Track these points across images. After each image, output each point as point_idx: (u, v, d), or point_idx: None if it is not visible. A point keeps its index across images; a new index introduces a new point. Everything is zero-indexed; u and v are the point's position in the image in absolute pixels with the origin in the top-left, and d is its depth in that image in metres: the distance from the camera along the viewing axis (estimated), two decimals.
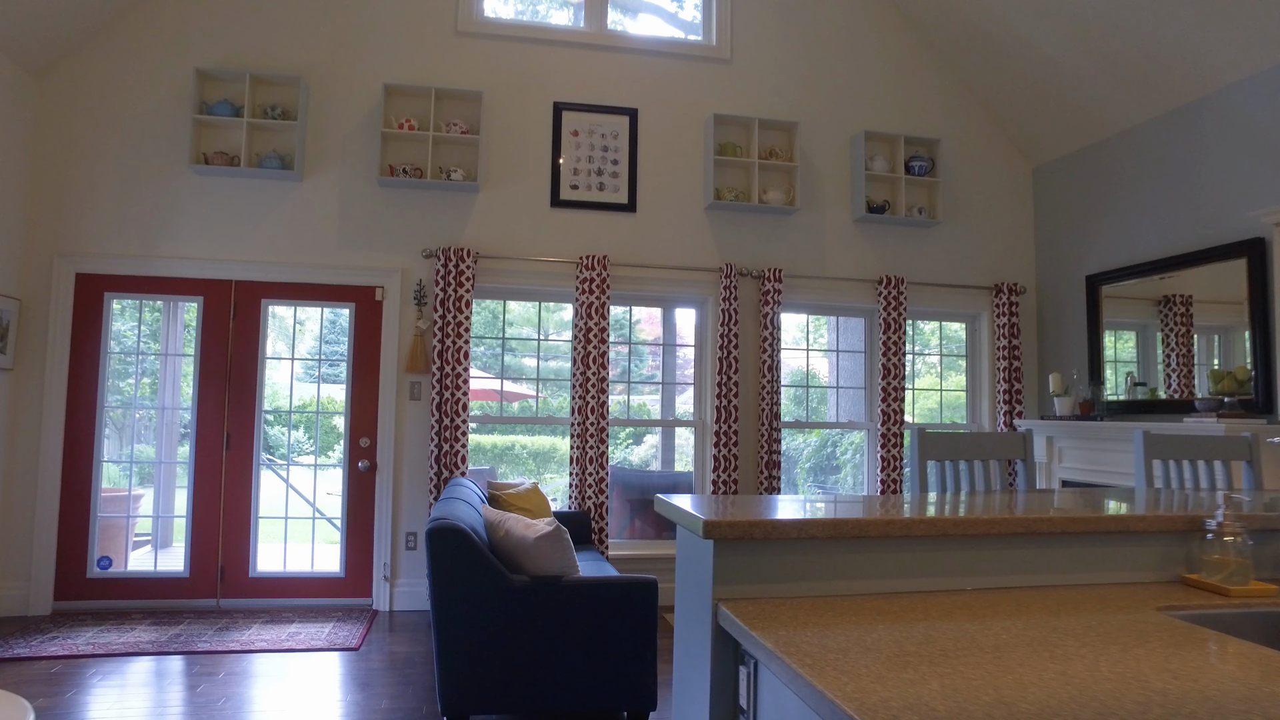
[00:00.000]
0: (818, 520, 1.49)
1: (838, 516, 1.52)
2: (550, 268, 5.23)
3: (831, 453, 10.03)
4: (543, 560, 3.01)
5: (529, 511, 4.27)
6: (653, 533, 5.64)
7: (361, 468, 4.88)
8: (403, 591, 4.89)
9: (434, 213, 5.11)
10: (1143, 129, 5.18)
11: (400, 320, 5.01)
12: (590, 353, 5.14)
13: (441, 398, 4.88)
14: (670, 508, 1.67)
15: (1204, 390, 4.84)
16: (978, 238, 6.01)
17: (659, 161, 5.48)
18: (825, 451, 10.06)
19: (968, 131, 6.05)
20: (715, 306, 5.48)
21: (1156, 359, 5.25)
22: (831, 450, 9.99)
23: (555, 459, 11.75)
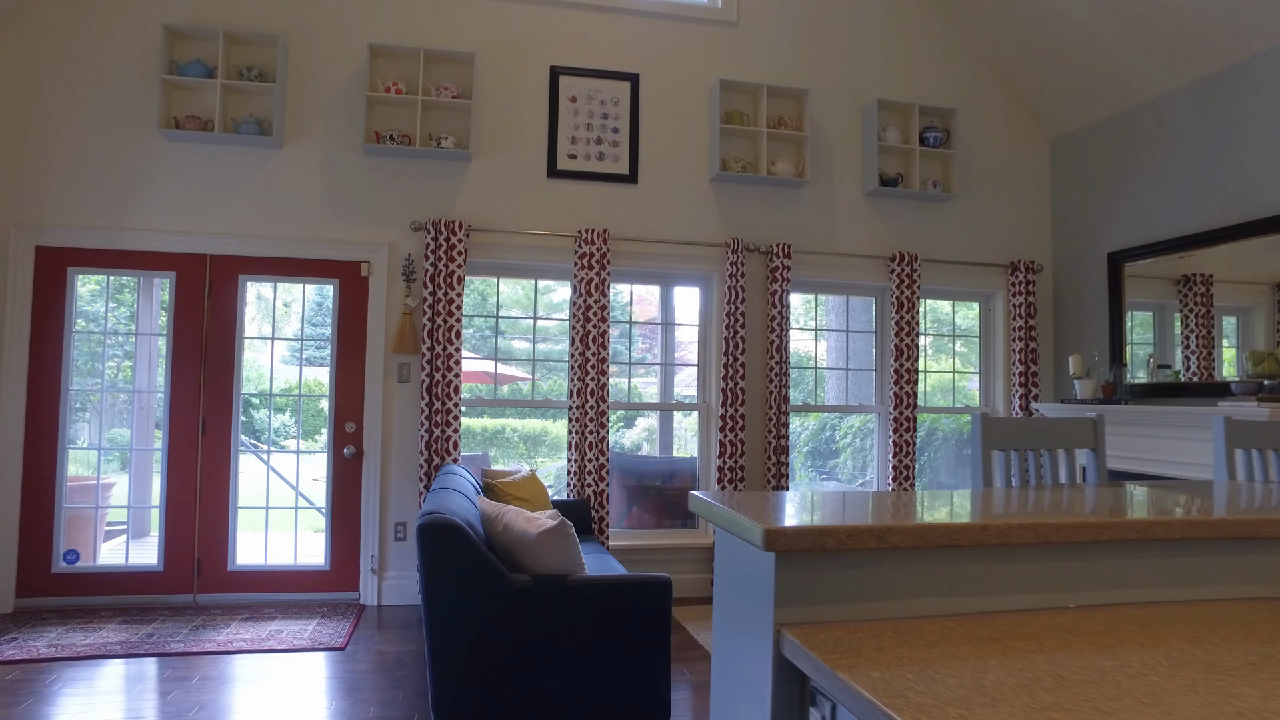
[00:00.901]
0: (903, 527, 1.22)
1: (926, 520, 1.25)
2: (547, 241, 4.93)
3: (830, 436, 9.80)
4: (545, 557, 2.74)
5: (527, 502, 4.00)
6: (652, 521, 5.39)
7: (347, 454, 4.59)
8: (391, 585, 4.62)
9: (423, 183, 4.79)
10: (1172, 97, 4.91)
11: (387, 297, 4.71)
12: (590, 332, 4.86)
13: (431, 380, 4.59)
14: (713, 510, 1.40)
15: (1228, 372, 4.62)
16: (993, 213, 5.75)
17: (662, 130, 5.17)
18: (824, 435, 9.84)
19: (983, 101, 5.77)
20: (721, 284, 5.20)
21: (1174, 340, 5.02)
22: (830, 434, 9.77)
23: (546, 442, 11.49)
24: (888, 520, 1.24)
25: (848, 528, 1.19)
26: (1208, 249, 4.81)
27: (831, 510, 1.33)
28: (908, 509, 1.37)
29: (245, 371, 4.62)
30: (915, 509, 1.37)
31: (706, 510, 1.42)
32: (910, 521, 1.24)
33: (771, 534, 1.17)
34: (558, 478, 7.28)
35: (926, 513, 1.32)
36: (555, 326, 5.20)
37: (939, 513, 1.33)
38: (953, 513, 1.34)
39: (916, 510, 1.35)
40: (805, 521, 1.21)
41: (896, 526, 1.21)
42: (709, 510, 1.41)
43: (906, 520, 1.25)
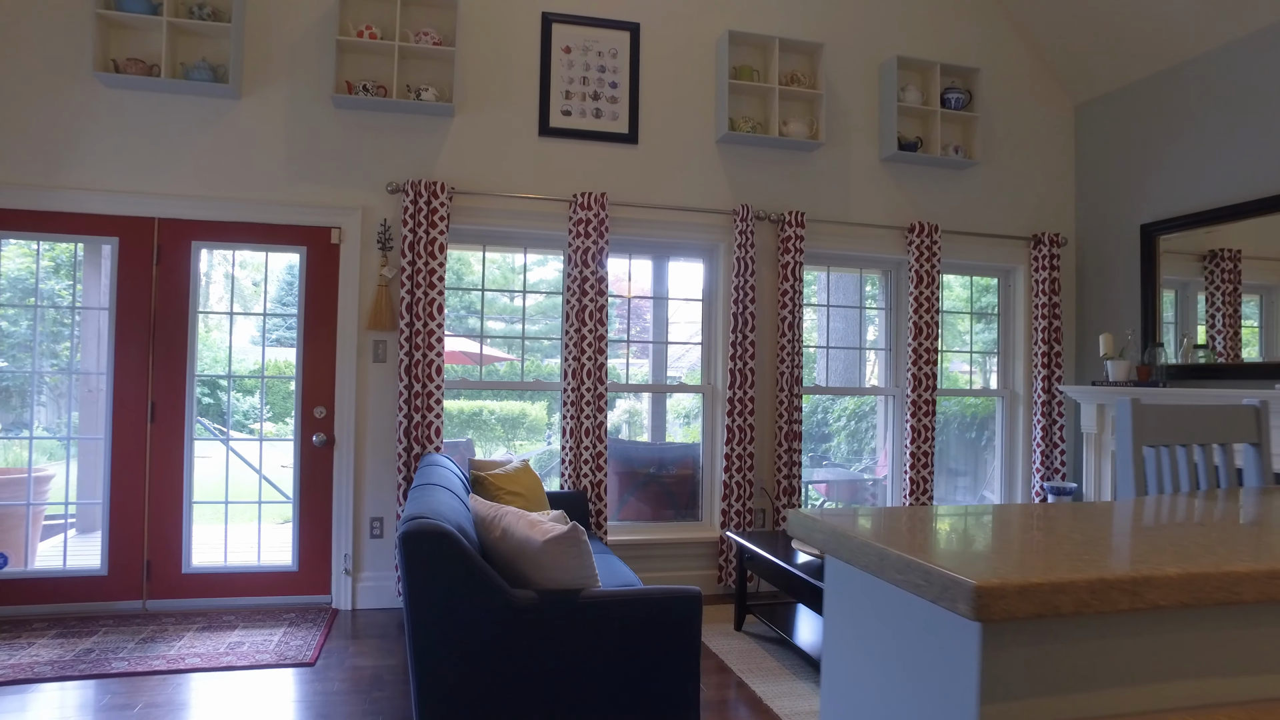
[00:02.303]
0: (1166, 576, 0.80)
1: (1190, 568, 0.82)
2: (538, 206, 4.46)
3: (823, 419, 9.46)
4: (553, 569, 2.31)
5: (521, 497, 3.56)
6: (649, 512, 4.98)
7: (316, 442, 4.12)
8: (367, 587, 4.16)
9: (401, 139, 4.29)
10: (1219, 54, 4.53)
11: (361, 267, 4.22)
12: (587, 306, 4.40)
13: (411, 359, 4.12)
14: (844, 541, 0.96)
15: (1248, 354, 4.28)
16: (1015, 182, 5.36)
17: (665, 86, 4.71)
18: (815, 418, 9.49)
19: (1006, 62, 5.36)
20: (729, 255, 4.77)
21: (1196, 319, 4.68)
22: (823, 416, 9.43)
23: (525, 425, 11.02)
24: (1141, 568, 0.81)
25: (1089, 581, 0.77)
26: (1237, 223, 4.46)
27: (1031, 547, 0.90)
28: (1142, 545, 0.94)
29: (202, 350, 4.11)
30: (1152, 544, 0.94)
31: (832, 540, 0.99)
32: (1171, 568, 0.81)
33: (987, 593, 0.74)
34: (538, 463, 6.84)
35: (1164, 550, 0.90)
36: (534, 306, 4.72)
37: (1180, 551, 0.91)
38: (1186, 550, 0.91)
39: (1151, 546, 0.93)
40: (1021, 571, 0.78)
41: (1155, 576, 0.79)
42: (837, 540, 0.98)
43: (1163, 566, 0.82)
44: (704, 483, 4.89)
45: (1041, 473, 5.16)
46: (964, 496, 5.64)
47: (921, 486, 4.94)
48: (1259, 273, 4.46)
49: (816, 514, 1.05)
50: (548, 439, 8.58)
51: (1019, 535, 0.95)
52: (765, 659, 3.60)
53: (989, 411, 5.60)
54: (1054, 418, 5.18)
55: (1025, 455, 5.33)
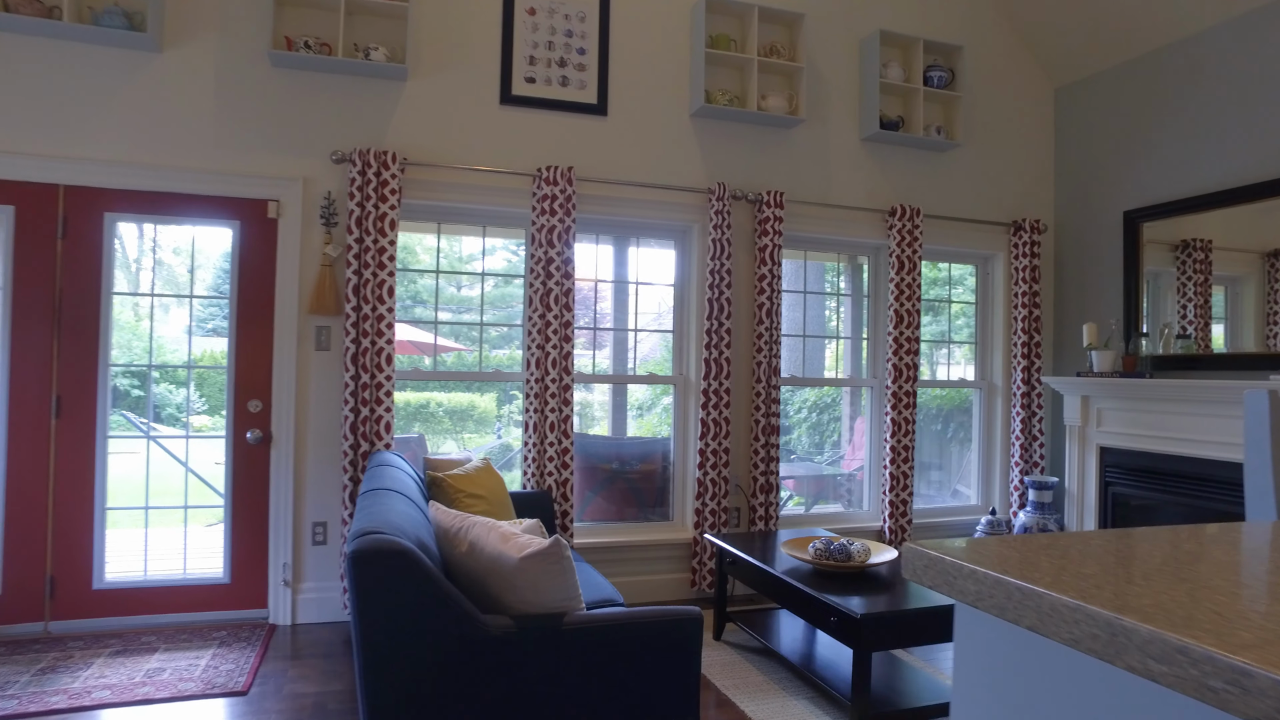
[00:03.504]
0: None
1: None
2: (499, 180, 4.09)
3: (781, 410, 9.25)
4: (531, 590, 1.97)
5: (484, 500, 3.20)
6: (615, 511, 4.66)
7: (251, 440, 3.69)
8: (309, 599, 3.76)
9: (347, 104, 3.87)
10: (1207, 36, 4.38)
11: (302, 245, 3.80)
12: (552, 290, 4.05)
13: (358, 347, 3.72)
14: (1054, 609, 0.66)
15: (1216, 345, 4.16)
16: (995, 167, 5.17)
17: (637, 53, 4.37)
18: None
19: (988, 41, 5.16)
20: (703, 236, 4.46)
21: (1168, 310, 4.57)
22: (782, 407, 9.22)
23: (474, 417, 10.60)
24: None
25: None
26: (1213, 211, 4.35)
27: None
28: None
29: (131, 339, 3.65)
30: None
31: (997, 594, 0.68)
32: None
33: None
34: (490, 458, 6.46)
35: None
36: (479, 296, 4.35)
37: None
38: None
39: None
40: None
41: None
42: (1007, 595, 0.67)
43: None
44: (676, 480, 4.59)
45: (1021, 466, 4.99)
46: (936, 491, 5.45)
47: (902, 482, 4.72)
48: (1227, 264, 4.35)
49: (960, 556, 0.74)
50: (497, 432, 8.20)
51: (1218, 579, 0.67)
52: (750, 672, 3.32)
53: (955, 403, 5.42)
54: (1033, 410, 5.01)
55: (1004, 448, 5.16)
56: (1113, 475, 4.50)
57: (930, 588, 0.75)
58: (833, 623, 2.75)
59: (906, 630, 2.70)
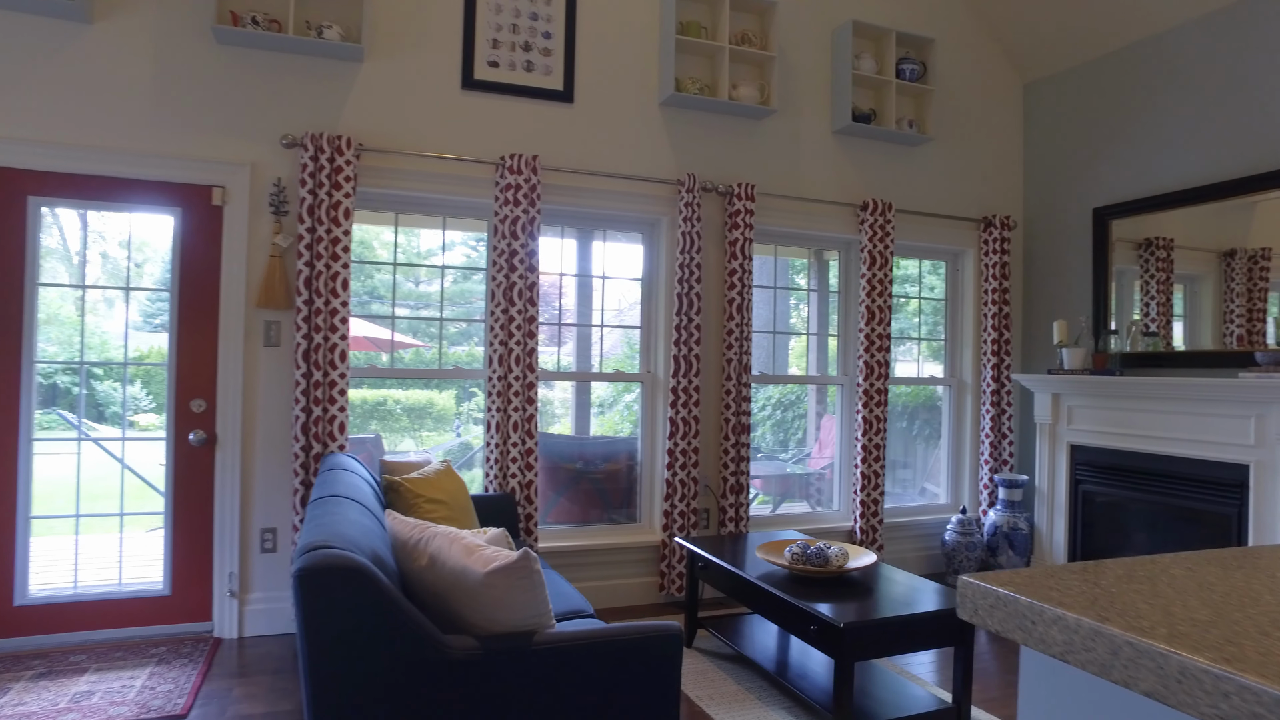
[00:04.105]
0: None
1: None
2: (461, 169, 3.90)
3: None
4: (498, 608, 1.81)
5: (445, 505, 3.03)
6: (579, 513, 4.51)
7: (194, 441, 3.46)
8: (257, 610, 3.54)
9: (299, 85, 3.65)
10: (1177, 33, 4.37)
11: (250, 235, 3.57)
12: (515, 284, 3.88)
13: (310, 343, 3.51)
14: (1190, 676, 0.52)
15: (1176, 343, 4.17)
16: (965, 163, 5.12)
17: (604, 39, 4.21)
18: None
19: (960, 35, 5.10)
20: (672, 229, 4.33)
21: (1133, 307, 4.59)
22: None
23: (432, 415, 10.36)
24: None
25: None
26: (1178, 210, 4.37)
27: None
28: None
29: (72, 335, 3.39)
30: None
31: (1100, 646, 0.55)
32: None
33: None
34: (449, 457, 6.25)
35: None
36: (439, 293, 4.16)
37: None
38: None
39: None
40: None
41: None
42: (1114, 651, 0.54)
43: None
44: (643, 481, 4.45)
45: (991, 465, 4.96)
46: (904, 490, 5.40)
47: (873, 481, 4.65)
48: (1187, 262, 4.37)
49: (1037, 594, 0.61)
50: (456, 430, 8.01)
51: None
52: (725, 681, 3.19)
53: (920, 400, 5.36)
54: (1003, 407, 4.98)
55: (973, 446, 5.12)
56: (1083, 473, 4.47)
57: (998, 632, 0.62)
58: (813, 631, 2.63)
59: (890, 638, 2.59)
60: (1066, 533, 4.53)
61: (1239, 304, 4.14)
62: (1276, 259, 4.00)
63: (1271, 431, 3.60)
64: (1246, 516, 3.70)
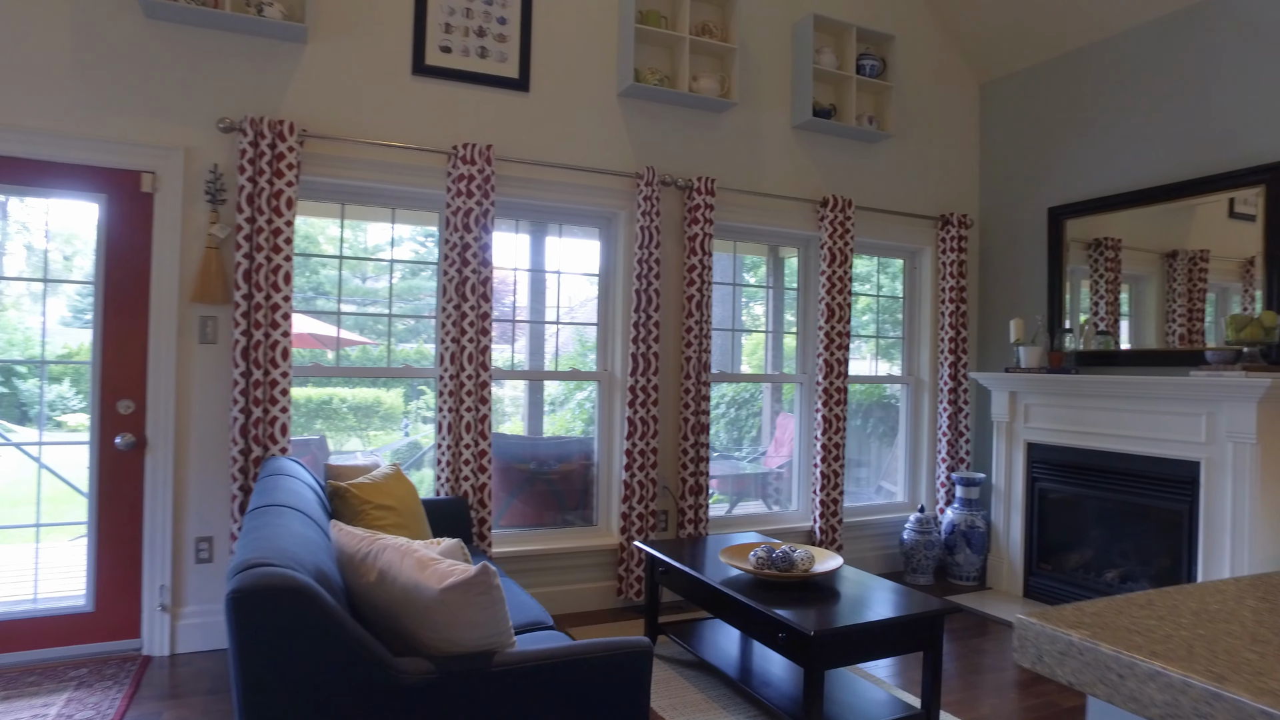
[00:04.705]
0: None
1: None
2: (411, 158, 3.73)
3: None
4: (455, 626, 1.68)
5: (394, 512, 2.86)
6: (534, 516, 4.37)
7: (121, 445, 3.23)
8: (191, 624, 3.33)
9: (238, 66, 3.43)
10: (1130, 36, 4.41)
11: (184, 223, 3.35)
12: (468, 279, 3.73)
13: (249, 340, 3.30)
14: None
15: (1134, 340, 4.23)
16: (923, 160, 5.11)
17: (562, 26, 4.07)
18: None
19: (919, 33, 5.09)
20: (630, 223, 4.21)
21: (1081, 306, 4.65)
22: None
23: (380, 414, 10.10)
24: None
25: None
26: (1120, 212, 4.44)
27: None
28: None
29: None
30: None
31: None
32: None
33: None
34: (398, 457, 6.06)
35: None
36: (386, 289, 3.99)
37: None
38: None
39: None
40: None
41: None
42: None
43: None
44: (600, 482, 4.34)
45: (948, 463, 4.96)
46: (861, 489, 5.38)
47: (833, 481, 4.60)
48: (1131, 263, 4.43)
49: (1120, 642, 0.51)
50: (404, 428, 7.79)
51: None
52: (687, 689, 3.10)
53: (873, 398, 5.35)
54: (960, 405, 4.99)
55: (930, 444, 5.12)
56: (1039, 471, 4.50)
57: (1071, 684, 0.53)
58: (781, 639, 2.55)
59: (861, 645, 2.52)
60: (1023, 530, 4.55)
61: (1180, 304, 4.21)
62: (1214, 261, 4.07)
63: (1222, 429, 3.65)
64: (1198, 513, 3.74)
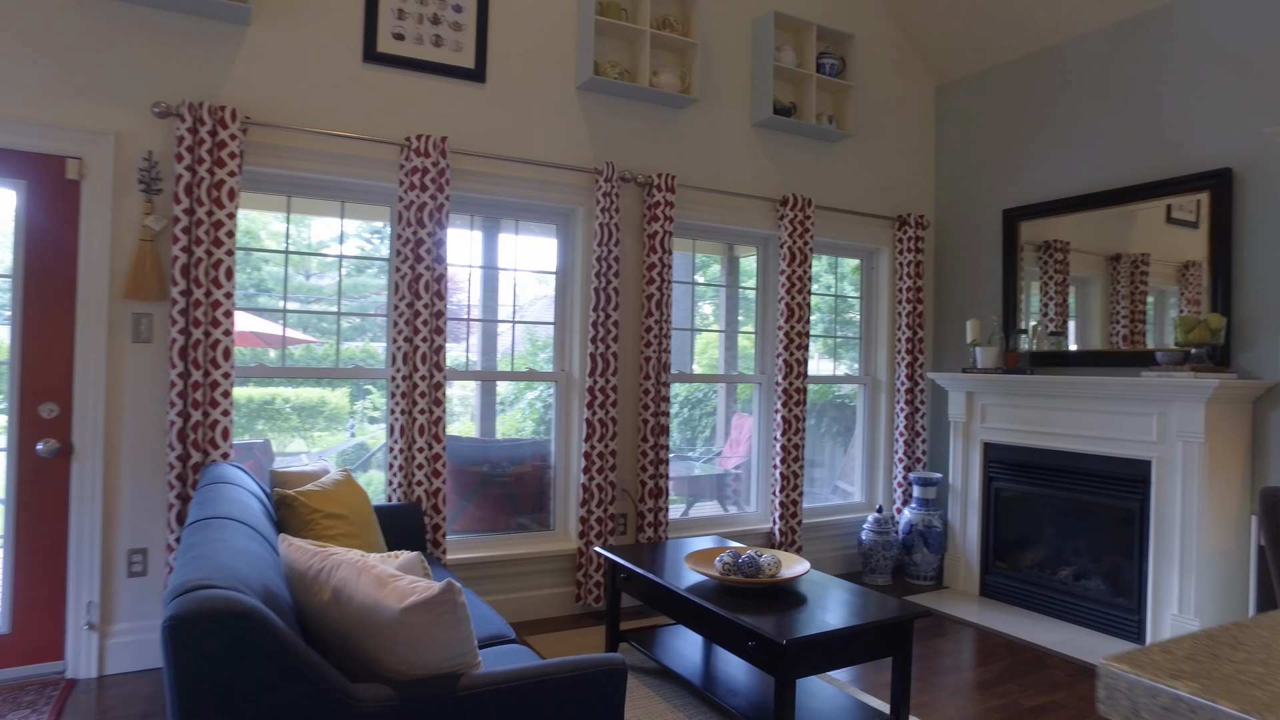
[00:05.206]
0: None
1: None
2: (362, 149, 3.57)
3: None
4: (417, 648, 1.57)
5: (345, 520, 2.72)
6: (488, 520, 4.25)
7: (43, 452, 3.00)
8: (123, 643, 3.12)
9: (175, 47, 3.23)
10: (1082, 44, 4.48)
11: (115, 214, 3.14)
12: (422, 275, 3.59)
13: (189, 339, 3.11)
14: None
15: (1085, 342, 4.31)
16: (881, 160, 5.12)
17: (520, 15, 3.95)
18: None
19: (878, 33, 5.09)
20: (589, 220, 4.12)
21: (1030, 308, 4.73)
22: None
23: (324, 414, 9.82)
24: None
25: None
26: (1068, 215, 4.52)
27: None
28: None
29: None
30: None
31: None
32: None
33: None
34: (344, 460, 5.86)
35: None
36: (332, 286, 3.83)
37: None
38: None
39: None
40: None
41: None
42: None
43: None
44: (557, 485, 4.23)
45: (904, 463, 4.98)
46: (817, 489, 5.37)
47: (792, 482, 4.58)
48: (1077, 265, 4.52)
49: (1255, 713, 0.44)
50: (350, 429, 7.56)
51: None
52: (650, 699, 3.02)
53: (826, 398, 5.34)
54: (917, 405, 5.01)
55: (888, 444, 5.13)
56: (996, 470, 4.54)
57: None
58: (751, 648, 2.48)
59: (832, 653, 2.47)
60: (980, 530, 4.58)
61: (1124, 305, 4.29)
62: (1154, 264, 4.16)
63: (1172, 428, 3.71)
64: (1149, 510, 3.81)
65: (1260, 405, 3.73)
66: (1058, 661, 3.57)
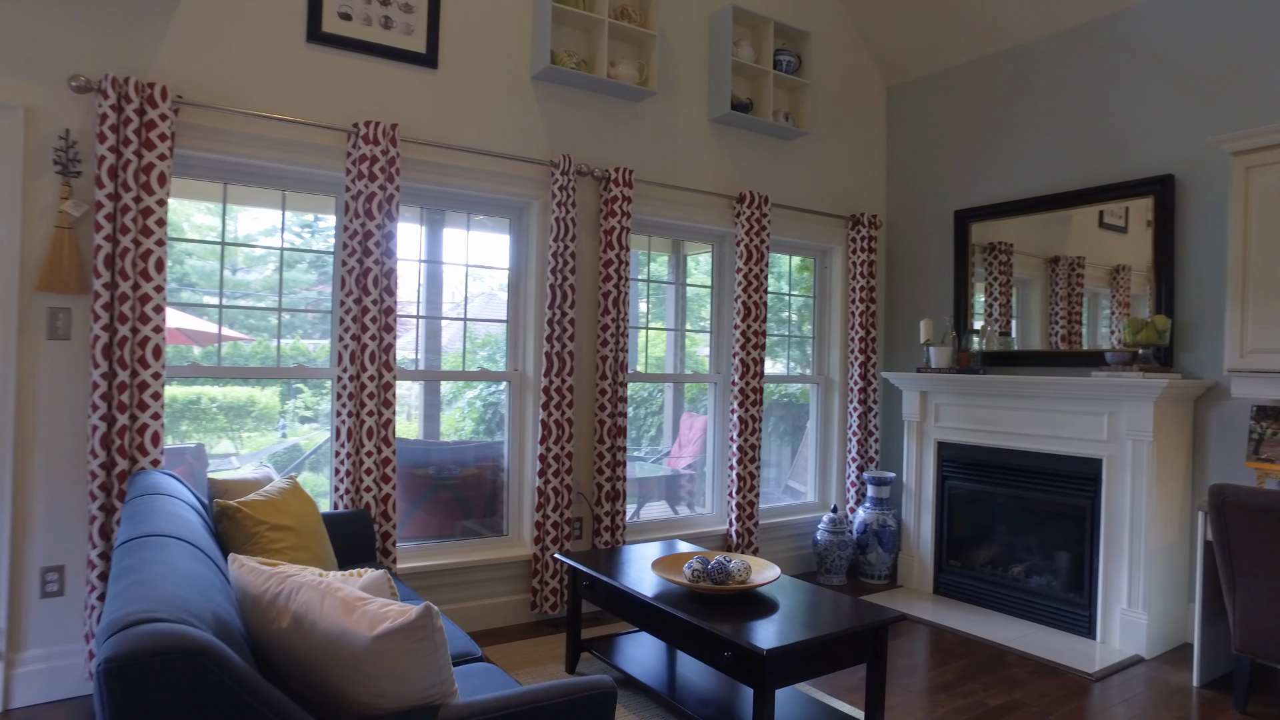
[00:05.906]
0: None
1: None
2: (306, 135, 3.35)
3: None
4: (390, 679, 1.42)
5: (292, 532, 2.52)
6: (437, 526, 4.07)
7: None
8: (35, 671, 2.85)
9: (95, 14, 2.96)
10: (1031, 49, 4.54)
11: (26, 199, 2.86)
12: (370, 270, 3.39)
13: (113, 336, 2.86)
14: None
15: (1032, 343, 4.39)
16: (836, 159, 5.12)
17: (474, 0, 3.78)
18: None
19: (832, 32, 5.08)
20: (544, 214, 3.98)
21: (975, 309, 4.81)
22: None
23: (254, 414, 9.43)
24: None
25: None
26: (1012, 218, 4.61)
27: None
28: None
29: None
30: None
31: None
32: None
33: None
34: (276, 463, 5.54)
35: None
36: (260, 281, 3.61)
37: None
38: None
39: None
40: None
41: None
42: None
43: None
44: (511, 489, 4.08)
45: (858, 462, 4.98)
46: (770, 489, 5.34)
47: (749, 483, 4.52)
48: (1020, 267, 4.60)
49: None
50: (281, 429, 7.23)
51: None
52: (618, 712, 2.90)
53: (776, 397, 5.31)
54: (870, 405, 5.02)
55: (840, 444, 5.13)
56: (949, 469, 4.57)
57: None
58: (728, 658, 2.40)
59: (810, 661, 2.41)
60: (933, 528, 4.61)
61: (1062, 307, 4.38)
62: (1090, 267, 4.25)
63: (1122, 427, 3.78)
64: (1099, 508, 3.88)
65: (1200, 404, 3.83)
66: (1015, 659, 3.60)
